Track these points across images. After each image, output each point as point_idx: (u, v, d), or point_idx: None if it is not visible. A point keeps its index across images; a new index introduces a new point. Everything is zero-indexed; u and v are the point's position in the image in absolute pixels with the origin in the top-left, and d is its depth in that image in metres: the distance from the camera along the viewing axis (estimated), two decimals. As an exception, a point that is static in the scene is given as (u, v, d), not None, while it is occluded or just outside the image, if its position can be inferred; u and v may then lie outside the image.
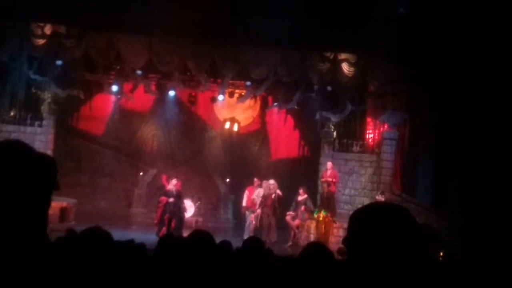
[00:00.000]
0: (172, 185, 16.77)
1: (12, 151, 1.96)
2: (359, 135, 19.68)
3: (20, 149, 1.98)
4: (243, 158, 21.95)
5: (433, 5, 15.57)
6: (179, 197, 16.77)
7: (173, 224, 16.24)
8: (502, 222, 14.51)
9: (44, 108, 18.90)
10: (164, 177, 17.47)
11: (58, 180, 2.64)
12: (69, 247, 3.32)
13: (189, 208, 18.84)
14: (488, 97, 15.58)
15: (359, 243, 1.99)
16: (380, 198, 16.35)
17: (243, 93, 20.07)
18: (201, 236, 3.42)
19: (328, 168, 17.74)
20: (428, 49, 16.10)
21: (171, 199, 16.46)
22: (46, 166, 2.06)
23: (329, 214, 16.96)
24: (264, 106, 21.62)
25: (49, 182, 2.02)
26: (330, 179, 17.49)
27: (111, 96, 20.48)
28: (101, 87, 19.71)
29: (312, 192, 18.03)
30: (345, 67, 17.81)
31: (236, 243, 6.40)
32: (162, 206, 16.60)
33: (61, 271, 2.34)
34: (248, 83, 19.35)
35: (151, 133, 22.48)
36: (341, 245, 2.17)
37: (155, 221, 16.89)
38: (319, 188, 18.12)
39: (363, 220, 2.03)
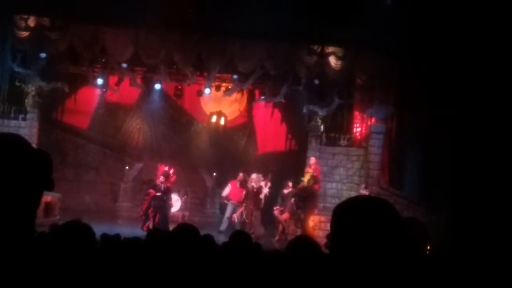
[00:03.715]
0: (161, 181, 16.63)
1: (8, 145, 1.88)
2: (347, 128, 19.69)
3: (17, 143, 1.91)
4: (230, 152, 21.89)
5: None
6: (166, 192, 16.64)
7: (156, 219, 16.11)
8: (489, 216, 14.55)
9: (28, 101, 18.71)
10: (161, 167, 17.21)
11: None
12: (50, 242, 3.24)
13: (176, 202, 18.76)
14: (475, 91, 15.61)
15: (342, 237, 1.95)
16: (364, 192, 16.36)
17: (229, 87, 19.99)
18: (185, 230, 3.34)
19: (311, 163, 17.67)
20: (415, 43, 16.11)
21: (158, 193, 16.34)
22: (41, 164, 1.97)
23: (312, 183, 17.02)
24: (251, 99, 21.56)
25: (42, 180, 1.93)
26: (311, 171, 17.40)
27: (96, 89, 20.30)
28: (86, 80, 19.54)
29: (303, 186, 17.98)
30: (332, 60, 17.80)
31: (217, 236, 6.34)
32: (149, 198, 16.45)
33: (43, 266, 2.26)
34: (235, 76, 19.27)
35: (137, 127, 22.34)
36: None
37: (140, 214, 16.77)
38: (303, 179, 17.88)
39: (345, 215, 2.00)
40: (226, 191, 18.03)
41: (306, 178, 17.14)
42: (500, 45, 14.81)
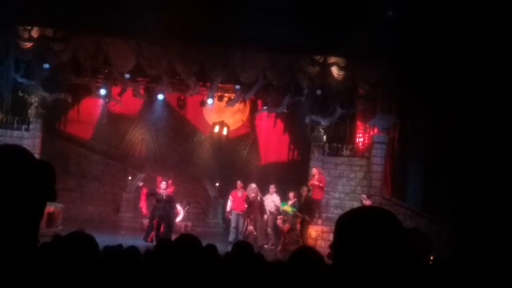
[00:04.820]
0: (162, 188, 16.56)
1: (11, 156, 1.88)
2: (349, 139, 19.66)
3: (19, 154, 1.91)
4: (233, 162, 21.86)
5: (422, 8, 15.59)
6: (168, 201, 16.57)
7: (161, 229, 16.07)
8: (492, 226, 14.51)
9: (31, 112, 18.74)
10: (159, 179, 17.25)
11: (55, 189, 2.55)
12: (54, 253, 3.23)
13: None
14: (477, 100, 15.61)
15: (346, 247, 1.95)
16: (366, 201, 16.30)
17: (232, 97, 20.00)
18: (187, 240, 3.33)
19: (314, 174, 17.66)
20: (417, 53, 16.12)
21: (159, 203, 16.26)
22: (44, 175, 1.98)
23: (297, 213, 16.87)
24: (254, 110, 21.54)
25: (45, 191, 1.94)
26: (316, 183, 17.39)
27: (99, 99, 20.33)
28: (89, 91, 19.57)
29: (300, 196, 17.95)
30: (334, 70, 17.82)
31: (225, 247, 6.32)
32: (148, 201, 16.38)
33: (46, 277, 2.26)
34: (237, 86, 19.29)
35: (139, 137, 22.35)
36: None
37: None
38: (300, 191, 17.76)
39: (349, 225, 1.99)
40: (229, 204, 18.04)
41: (287, 208, 17.08)
42: (501, 54, 14.83)
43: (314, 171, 17.79)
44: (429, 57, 16.21)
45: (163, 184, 16.51)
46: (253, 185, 17.62)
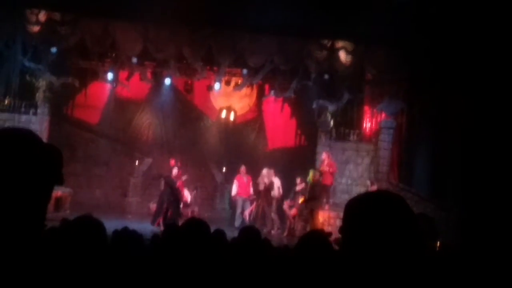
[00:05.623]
0: (174, 174, 16.64)
1: (19, 140, 1.88)
2: (357, 124, 19.58)
3: (28, 138, 1.92)
4: (240, 147, 21.84)
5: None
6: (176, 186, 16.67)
7: (169, 214, 16.13)
8: (499, 212, 14.47)
9: (39, 96, 18.75)
10: (172, 162, 17.19)
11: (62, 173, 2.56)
12: (62, 237, 3.24)
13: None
14: (486, 86, 15.51)
15: (355, 232, 1.95)
16: (372, 187, 16.28)
17: (239, 81, 19.96)
18: (196, 225, 3.33)
19: (323, 159, 17.63)
20: (426, 37, 16.00)
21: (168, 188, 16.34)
22: (52, 159, 1.98)
23: (317, 174, 16.80)
24: (261, 94, 21.48)
25: (53, 175, 1.94)
26: (327, 169, 17.37)
27: (107, 84, 20.35)
28: (96, 75, 19.60)
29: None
30: (342, 55, 17.71)
31: (232, 233, 6.32)
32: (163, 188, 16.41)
33: (54, 261, 2.26)
34: (245, 71, 19.23)
35: (146, 122, 22.35)
36: (338, 235, 2.16)
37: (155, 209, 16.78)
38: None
39: (359, 209, 1.99)
40: (234, 189, 18.05)
41: (310, 176, 16.99)
42: (509, 39, 14.71)
43: (323, 156, 17.74)
44: (437, 42, 16.09)
45: (175, 170, 16.60)
46: (265, 170, 17.66)
